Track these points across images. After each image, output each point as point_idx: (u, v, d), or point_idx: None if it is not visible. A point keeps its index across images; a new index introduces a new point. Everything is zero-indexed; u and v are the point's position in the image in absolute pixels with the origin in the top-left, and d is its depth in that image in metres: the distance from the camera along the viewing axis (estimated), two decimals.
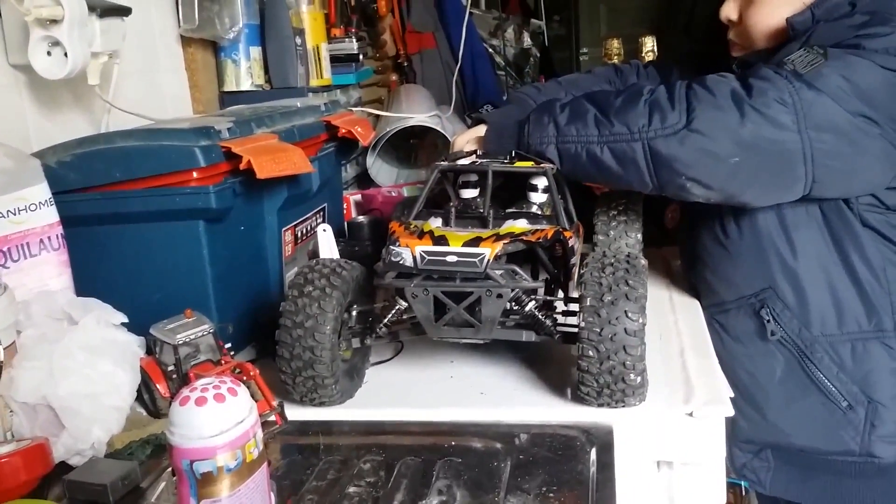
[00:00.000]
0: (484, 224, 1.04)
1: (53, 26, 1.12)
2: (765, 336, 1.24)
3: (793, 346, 1.22)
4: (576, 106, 1.18)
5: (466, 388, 1.07)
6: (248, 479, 0.65)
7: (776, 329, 1.22)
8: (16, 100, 1.20)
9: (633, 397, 0.94)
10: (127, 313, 1.05)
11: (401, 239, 0.98)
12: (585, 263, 0.97)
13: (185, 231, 1.11)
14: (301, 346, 0.98)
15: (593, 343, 0.92)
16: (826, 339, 1.20)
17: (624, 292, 0.92)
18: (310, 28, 1.86)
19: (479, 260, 0.94)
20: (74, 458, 0.93)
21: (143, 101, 1.45)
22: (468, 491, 0.84)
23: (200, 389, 0.64)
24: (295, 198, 1.30)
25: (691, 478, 1.01)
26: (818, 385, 1.21)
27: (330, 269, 1.02)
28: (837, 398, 1.20)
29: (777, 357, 1.24)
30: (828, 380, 1.21)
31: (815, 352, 1.21)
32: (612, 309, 0.91)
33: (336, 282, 1.00)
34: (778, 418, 1.26)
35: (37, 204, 1.06)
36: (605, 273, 0.94)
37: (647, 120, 1.09)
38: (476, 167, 1.14)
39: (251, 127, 1.21)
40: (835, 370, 1.20)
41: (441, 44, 2.77)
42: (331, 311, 0.98)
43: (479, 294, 0.95)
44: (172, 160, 1.07)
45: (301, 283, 1.00)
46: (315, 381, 1.00)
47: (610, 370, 0.92)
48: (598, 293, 0.92)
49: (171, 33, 1.57)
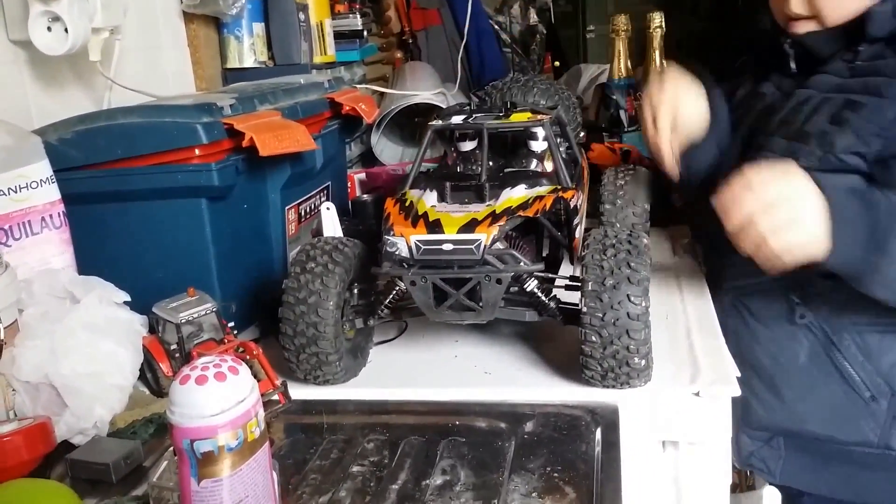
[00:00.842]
0: (480, 196, 1.00)
1: (53, 1, 1.11)
2: (793, 319, 1.19)
3: (819, 330, 1.18)
4: None
5: (471, 367, 1.07)
6: (250, 458, 0.65)
7: (805, 312, 1.18)
8: (16, 76, 1.19)
9: (637, 379, 0.94)
10: (129, 292, 1.04)
11: (395, 227, 0.96)
12: (587, 245, 0.95)
13: (187, 209, 1.10)
14: (304, 323, 0.97)
15: (596, 328, 0.91)
16: (855, 326, 1.16)
17: (626, 275, 0.90)
18: (313, 3, 1.84)
19: (476, 246, 0.92)
20: (77, 437, 0.93)
21: (145, 77, 1.43)
22: (472, 470, 0.84)
23: (201, 368, 0.63)
24: (298, 176, 1.29)
25: (697, 458, 1.00)
26: (842, 373, 1.18)
27: (332, 245, 1.01)
28: (860, 388, 1.17)
29: (802, 342, 1.20)
30: (852, 368, 1.17)
31: (843, 339, 1.17)
32: (615, 293, 0.90)
33: (338, 258, 0.99)
34: (797, 403, 1.23)
35: (38, 181, 1.05)
36: (607, 255, 0.92)
37: None
38: (470, 125, 1.11)
39: (254, 104, 1.20)
40: (860, 359, 1.16)
41: (446, 20, 2.74)
42: (334, 287, 0.97)
43: (479, 280, 0.93)
44: (175, 137, 1.06)
45: (303, 260, 1.00)
46: (319, 358, 0.99)
47: (614, 354, 0.91)
48: (599, 277, 0.91)
49: (173, 9, 1.55)
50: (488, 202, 0.98)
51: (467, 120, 1.12)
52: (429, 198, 1.01)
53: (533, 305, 1.01)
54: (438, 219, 0.95)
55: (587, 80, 2.52)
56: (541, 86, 1.31)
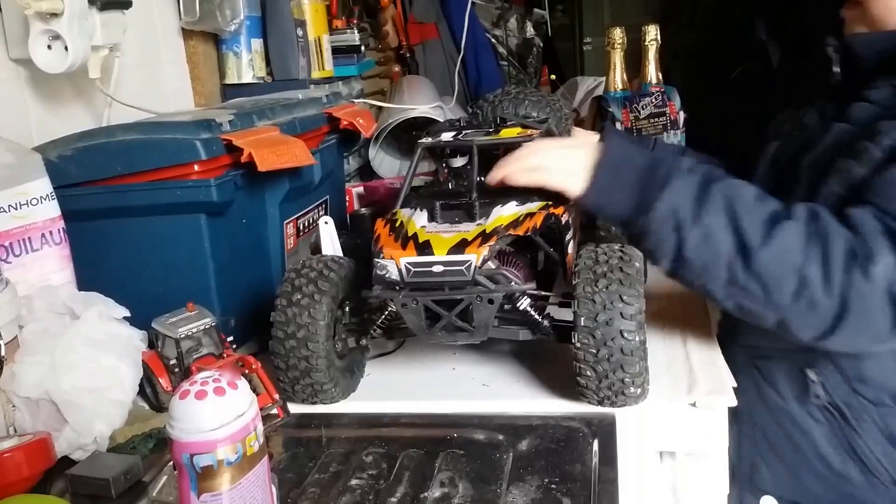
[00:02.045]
0: (471, 215, 0.99)
1: (54, 20, 1.12)
2: (806, 399, 1.13)
3: (837, 411, 1.11)
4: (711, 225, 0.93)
5: (468, 380, 1.07)
6: (249, 472, 0.65)
7: (821, 393, 1.11)
8: (17, 94, 1.20)
9: (633, 400, 0.94)
10: (129, 307, 1.05)
11: (385, 249, 0.95)
12: (577, 271, 0.94)
13: (186, 224, 1.11)
14: (296, 357, 0.97)
15: (590, 363, 0.91)
16: (878, 409, 1.09)
17: (619, 310, 0.89)
18: (311, 19, 1.86)
19: (466, 267, 0.91)
20: (77, 453, 0.93)
21: (145, 94, 1.44)
22: (470, 483, 0.84)
23: (200, 383, 0.64)
24: (297, 190, 1.30)
25: (694, 468, 1.01)
26: (861, 455, 1.11)
27: (317, 271, 1.00)
28: (881, 472, 1.10)
29: (818, 418, 1.13)
30: (872, 452, 1.10)
31: (863, 421, 1.10)
32: (608, 329, 0.89)
33: (324, 286, 0.98)
34: (810, 482, 1.16)
35: (38, 198, 1.06)
36: (598, 287, 0.91)
37: (792, 298, 0.91)
38: (460, 142, 1.10)
39: (252, 119, 1.20)
40: (882, 443, 1.10)
41: (443, 34, 2.76)
42: (322, 319, 0.97)
43: (470, 300, 0.93)
44: (174, 153, 1.07)
45: (289, 291, 0.99)
46: (314, 388, 1.00)
47: (609, 386, 0.91)
48: (591, 312, 0.90)
49: (171, 26, 1.56)
50: (479, 221, 0.97)
51: (457, 136, 1.11)
52: (419, 218, 1.00)
53: (526, 324, 1.01)
54: (428, 240, 0.94)
55: (583, 92, 2.54)
56: (532, 98, 1.31)
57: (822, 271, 0.90)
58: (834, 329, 0.92)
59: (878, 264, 0.89)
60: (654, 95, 1.82)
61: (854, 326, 0.91)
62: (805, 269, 0.90)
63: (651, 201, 0.95)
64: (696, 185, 0.96)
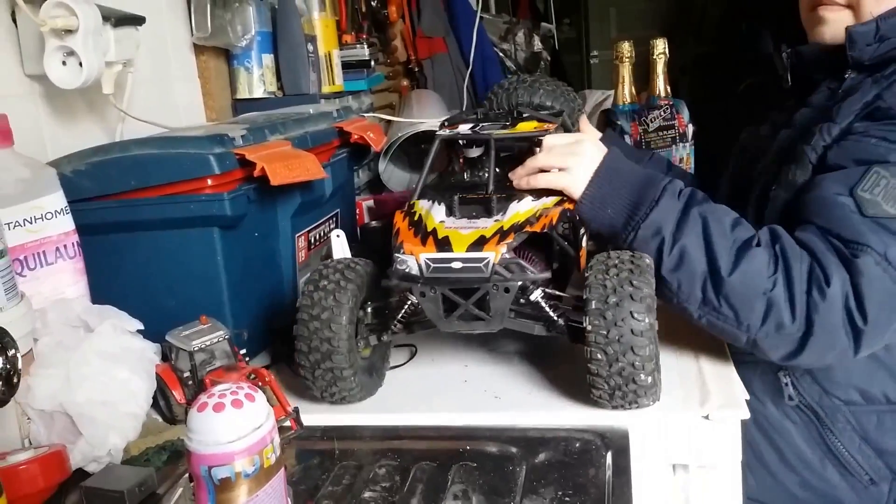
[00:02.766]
0: (488, 210, 1.01)
1: (68, 36, 1.13)
2: (781, 401, 1.16)
3: (811, 412, 1.14)
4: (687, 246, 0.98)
5: (480, 392, 1.07)
6: (266, 484, 0.66)
7: (794, 395, 1.15)
8: (32, 109, 1.21)
9: (645, 398, 0.94)
10: (142, 320, 1.06)
11: (405, 244, 0.98)
12: (590, 266, 0.96)
13: (199, 238, 1.12)
14: (318, 339, 0.99)
15: (601, 346, 0.91)
16: (849, 408, 1.12)
17: (629, 293, 0.91)
18: (321, 35, 1.87)
19: (485, 265, 0.94)
20: (91, 465, 0.94)
21: (157, 109, 1.45)
22: (484, 496, 0.84)
23: (218, 395, 0.64)
24: (308, 204, 1.31)
25: (707, 481, 1.01)
26: (838, 456, 1.13)
27: (344, 265, 1.04)
28: (859, 472, 1.13)
29: (794, 419, 1.16)
30: (848, 451, 1.13)
31: (837, 421, 1.13)
32: (618, 310, 0.90)
33: (350, 275, 1.02)
34: (791, 486, 1.18)
35: (53, 212, 1.06)
36: (609, 275, 0.93)
37: (761, 320, 0.96)
38: (478, 135, 1.12)
39: (264, 134, 1.21)
40: (857, 442, 1.12)
41: (452, 48, 2.77)
42: (346, 303, 0.99)
43: (487, 289, 0.95)
44: (187, 168, 1.08)
45: (316, 279, 1.02)
46: (334, 374, 1.00)
47: (620, 371, 0.92)
48: (602, 295, 0.92)
49: (183, 42, 1.58)
50: (496, 216, 1.00)
51: (474, 129, 1.13)
52: (437, 212, 1.02)
53: (541, 319, 1.02)
54: (447, 236, 0.97)
55: (591, 105, 2.53)
56: (547, 87, 1.31)
57: (787, 294, 0.95)
58: (802, 349, 0.96)
59: (833, 284, 0.93)
60: (663, 108, 1.83)
61: (820, 345, 0.95)
62: (771, 292, 0.95)
63: (639, 219, 1.00)
64: (681, 207, 1.00)
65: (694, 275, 0.97)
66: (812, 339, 0.95)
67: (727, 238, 0.98)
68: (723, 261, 0.96)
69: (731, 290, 0.96)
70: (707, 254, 0.97)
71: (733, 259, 0.96)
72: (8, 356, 0.80)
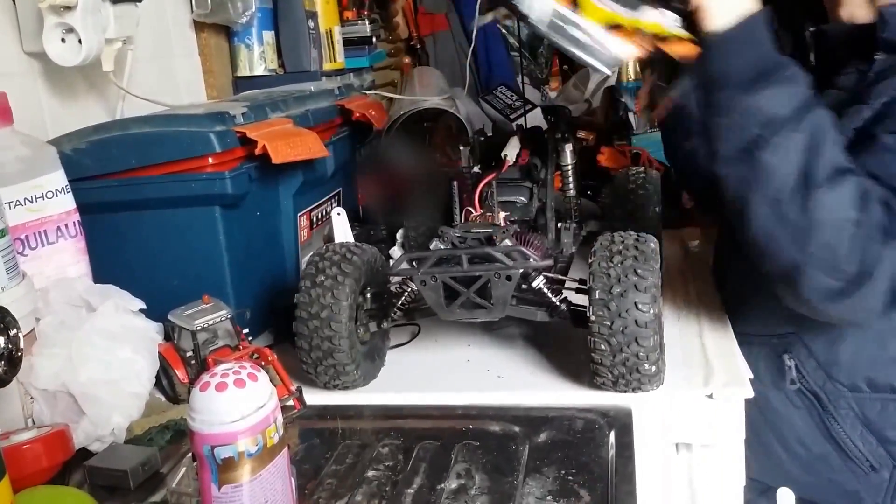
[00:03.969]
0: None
1: (67, 13, 1.12)
2: (783, 385, 1.15)
3: (814, 397, 1.13)
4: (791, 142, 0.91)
5: (483, 371, 1.07)
6: (269, 463, 0.65)
7: (797, 379, 1.13)
8: (31, 87, 1.20)
9: (649, 384, 0.94)
10: (144, 300, 1.05)
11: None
12: (593, 252, 0.95)
13: (201, 217, 1.11)
14: (319, 337, 0.98)
15: (605, 336, 0.90)
16: (853, 395, 1.11)
17: (633, 283, 0.89)
18: (322, 11, 1.85)
19: None
20: (94, 445, 0.94)
21: (158, 87, 1.45)
22: (487, 474, 0.84)
23: (221, 375, 0.64)
24: (310, 182, 1.30)
25: (711, 460, 1.01)
26: (839, 442, 1.13)
27: (340, 255, 1.01)
28: (860, 458, 1.12)
29: (797, 404, 1.15)
30: (850, 438, 1.12)
31: (840, 407, 1.12)
32: (622, 301, 0.89)
33: (347, 268, 0.99)
34: (793, 470, 1.18)
35: (53, 191, 1.06)
36: (613, 262, 0.91)
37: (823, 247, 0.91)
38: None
39: (266, 112, 1.21)
40: (859, 429, 1.11)
41: (454, 25, 2.75)
42: (345, 300, 0.98)
43: (488, 277, 0.94)
44: (188, 146, 1.07)
45: (313, 273, 1.00)
46: (336, 369, 1.00)
47: (624, 362, 0.91)
48: (606, 285, 0.90)
49: (184, 18, 1.56)
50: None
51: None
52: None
53: (543, 305, 1.01)
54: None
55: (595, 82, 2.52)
56: None
57: (856, 233, 0.90)
58: (841, 295, 0.92)
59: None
60: None
61: (862, 297, 0.92)
62: (844, 225, 0.90)
63: (763, 86, 0.92)
64: (803, 100, 0.93)
65: (781, 172, 0.91)
66: (860, 289, 0.91)
67: (831, 154, 0.92)
68: (819, 173, 0.90)
69: (812, 203, 0.90)
70: (807, 159, 0.90)
71: (828, 176, 0.90)
72: (10, 336, 0.79)
